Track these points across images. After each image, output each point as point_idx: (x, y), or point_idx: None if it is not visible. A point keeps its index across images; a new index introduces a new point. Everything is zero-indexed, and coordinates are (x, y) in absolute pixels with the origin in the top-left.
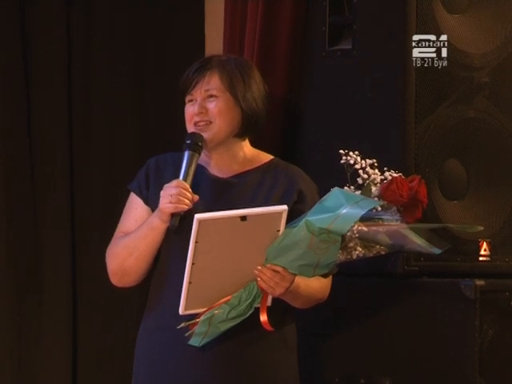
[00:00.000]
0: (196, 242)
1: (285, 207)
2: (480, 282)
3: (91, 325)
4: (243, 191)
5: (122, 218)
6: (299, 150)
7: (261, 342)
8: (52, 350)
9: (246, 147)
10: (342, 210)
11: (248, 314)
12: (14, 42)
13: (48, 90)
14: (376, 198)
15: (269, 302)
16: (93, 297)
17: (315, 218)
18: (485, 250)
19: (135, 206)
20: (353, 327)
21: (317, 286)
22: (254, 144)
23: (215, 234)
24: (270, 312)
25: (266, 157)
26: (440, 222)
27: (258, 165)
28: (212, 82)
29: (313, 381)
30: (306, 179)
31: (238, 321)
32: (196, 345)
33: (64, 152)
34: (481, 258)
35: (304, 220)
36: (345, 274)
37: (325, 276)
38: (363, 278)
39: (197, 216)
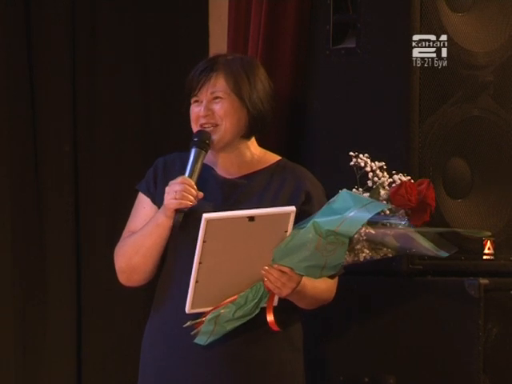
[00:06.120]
0: (204, 242)
1: (293, 208)
2: (484, 281)
3: (96, 327)
4: (251, 192)
5: (130, 218)
6: (303, 147)
7: (267, 341)
8: (56, 352)
9: (253, 146)
10: (349, 213)
11: (254, 314)
12: (19, 46)
13: (52, 93)
14: (384, 202)
15: (275, 302)
16: (97, 299)
17: (323, 219)
18: (489, 249)
19: (143, 205)
20: (357, 326)
21: (323, 286)
22: (258, 143)
23: (223, 233)
24: (277, 312)
25: (274, 157)
26: (444, 220)
27: (266, 165)
28: (218, 84)
29: (317, 379)
30: (313, 181)
31: (244, 320)
32: (202, 343)
33: (69, 154)
34: (485, 257)
35: (312, 221)
36: (349, 273)
37: (331, 277)
38: (368, 277)
39: (205, 216)
